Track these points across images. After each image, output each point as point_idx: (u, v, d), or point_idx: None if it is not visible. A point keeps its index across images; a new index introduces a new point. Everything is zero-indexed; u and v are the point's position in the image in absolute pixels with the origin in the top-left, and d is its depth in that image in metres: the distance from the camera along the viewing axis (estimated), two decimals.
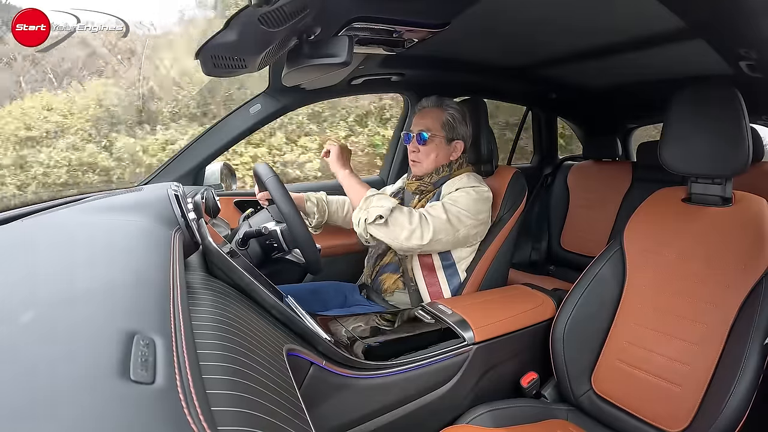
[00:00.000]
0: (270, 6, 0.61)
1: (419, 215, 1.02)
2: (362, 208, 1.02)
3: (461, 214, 1.05)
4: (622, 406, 0.89)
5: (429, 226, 1.01)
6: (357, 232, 1.05)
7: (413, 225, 1.00)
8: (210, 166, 1.33)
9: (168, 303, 0.32)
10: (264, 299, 0.59)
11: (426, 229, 1.01)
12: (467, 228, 1.07)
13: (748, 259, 0.81)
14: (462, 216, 1.05)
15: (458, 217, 1.05)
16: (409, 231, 1.00)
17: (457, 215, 1.05)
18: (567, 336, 0.96)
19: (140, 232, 0.46)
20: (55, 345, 0.23)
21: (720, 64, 1.08)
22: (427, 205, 1.09)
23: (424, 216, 1.03)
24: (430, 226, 1.01)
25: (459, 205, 1.06)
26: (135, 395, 0.22)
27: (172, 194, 0.62)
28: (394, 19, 0.91)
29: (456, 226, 1.04)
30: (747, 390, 0.72)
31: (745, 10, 0.74)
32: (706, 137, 0.86)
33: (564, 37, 1.18)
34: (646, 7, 0.85)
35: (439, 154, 1.14)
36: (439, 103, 1.16)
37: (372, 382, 0.74)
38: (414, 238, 1.00)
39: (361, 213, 1.02)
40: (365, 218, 1.00)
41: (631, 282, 0.95)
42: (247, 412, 0.32)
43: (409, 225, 1.00)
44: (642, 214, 1.00)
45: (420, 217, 1.02)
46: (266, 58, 0.82)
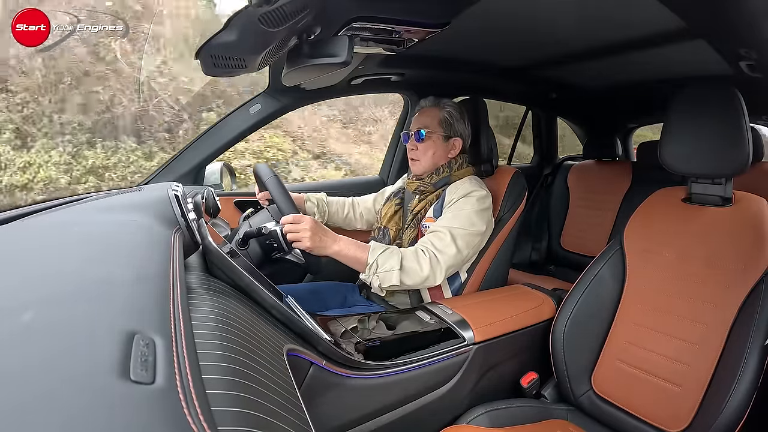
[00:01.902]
0: (270, 6, 0.61)
1: (429, 259, 0.98)
2: (370, 275, 0.96)
3: (468, 236, 1.03)
4: (622, 406, 0.89)
5: (441, 267, 0.99)
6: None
7: (425, 272, 0.97)
8: (210, 166, 1.33)
9: (168, 303, 0.32)
10: (264, 299, 0.59)
11: (438, 271, 0.99)
12: (474, 247, 1.07)
13: (748, 259, 0.81)
14: (469, 238, 1.03)
15: (467, 242, 1.03)
16: (422, 279, 0.97)
17: (465, 241, 1.03)
18: (567, 336, 0.96)
19: (140, 231, 0.46)
20: (55, 345, 0.23)
21: (720, 64, 1.08)
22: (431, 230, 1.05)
23: (434, 256, 0.99)
24: (442, 267, 0.99)
25: (465, 226, 1.03)
26: (135, 395, 0.22)
27: (172, 194, 0.62)
28: (394, 19, 0.91)
29: (464, 251, 1.03)
30: (747, 390, 0.72)
31: (745, 10, 0.74)
32: (706, 137, 0.86)
33: (564, 36, 1.18)
34: (646, 7, 0.85)
35: (437, 152, 1.14)
36: (436, 102, 1.17)
37: (372, 382, 0.74)
38: (427, 283, 0.99)
39: (373, 279, 0.96)
40: (378, 284, 0.97)
41: (631, 282, 0.95)
42: (247, 412, 0.32)
43: (421, 273, 0.97)
44: (642, 214, 1.00)
45: (430, 260, 0.98)
46: (266, 58, 0.82)
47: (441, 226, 1.04)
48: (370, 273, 0.96)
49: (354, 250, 0.96)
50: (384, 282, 0.96)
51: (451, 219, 1.05)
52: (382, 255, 0.96)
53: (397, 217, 1.20)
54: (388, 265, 0.95)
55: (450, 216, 1.05)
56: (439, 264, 0.99)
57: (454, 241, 1.01)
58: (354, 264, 0.97)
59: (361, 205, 1.34)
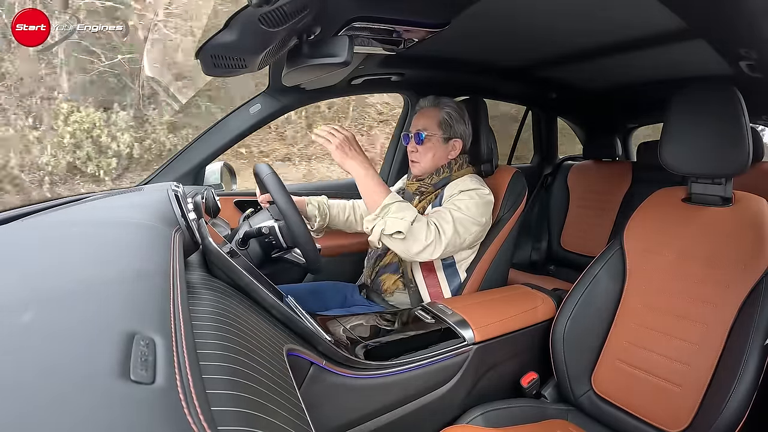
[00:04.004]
0: (270, 6, 0.61)
1: (435, 229, 0.98)
2: (379, 215, 0.95)
3: (468, 222, 1.03)
4: (622, 406, 0.89)
5: (442, 242, 0.99)
6: (368, 237, 1.00)
7: (429, 240, 0.96)
8: (210, 166, 1.33)
9: (168, 303, 0.32)
10: (264, 299, 0.59)
11: (439, 244, 0.98)
12: (472, 235, 1.06)
13: (748, 259, 0.81)
14: (468, 224, 1.03)
15: (465, 227, 1.03)
16: (423, 246, 0.96)
17: (464, 225, 1.03)
18: (567, 336, 0.96)
19: (140, 231, 0.46)
20: (55, 345, 0.23)
21: (720, 64, 1.08)
22: (433, 211, 1.06)
23: (438, 231, 0.99)
24: (443, 242, 0.99)
25: (465, 212, 1.04)
26: (135, 395, 0.22)
27: (172, 194, 0.62)
28: (394, 19, 0.91)
29: (462, 235, 1.03)
30: (747, 390, 0.72)
31: (745, 10, 0.74)
32: (706, 137, 0.86)
33: (564, 37, 1.18)
34: (646, 7, 0.85)
35: (436, 154, 1.14)
36: (436, 103, 1.16)
37: (372, 382, 0.74)
38: (425, 253, 0.98)
39: (377, 221, 0.95)
40: (382, 228, 0.95)
41: (631, 282, 0.95)
42: (247, 412, 0.32)
43: (425, 240, 0.96)
44: (642, 214, 1.00)
45: (435, 232, 0.98)
46: (266, 57, 0.82)
47: (442, 208, 1.05)
48: (381, 214, 0.95)
49: (377, 182, 0.97)
50: (388, 228, 0.94)
51: (449, 205, 1.06)
52: (400, 203, 0.96)
53: None
54: (401, 213, 0.94)
55: (448, 203, 1.06)
56: (440, 239, 0.99)
57: (453, 222, 1.01)
58: (369, 194, 0.97)
59: (362, 207, 1.34)
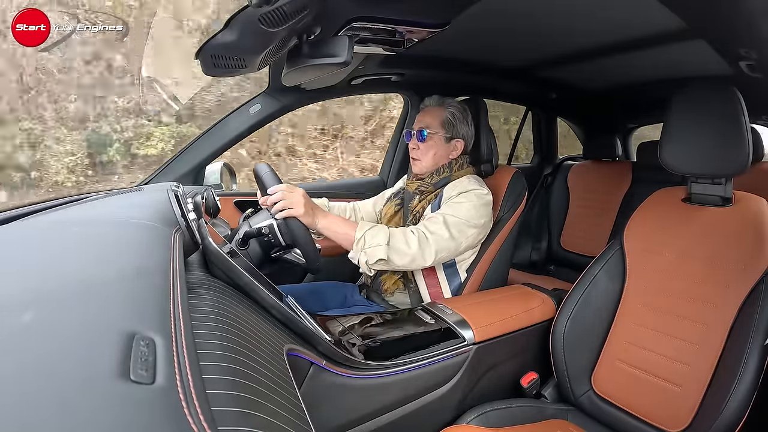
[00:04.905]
0: (270, 6, 0.61)
1: (417, 237, 0.98)
2: (357, 251, 0.96)
3: (462, 225, 1.03)
4: (622, 406, 0.89)
5: (430, 248, 0.98)
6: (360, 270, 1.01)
7: (413, 250, 0.96)
8: (210, 166, 1.34)
9: (168, 303, 0.32)
10: (264, 299, 0.59)
11: (428, 250, 0.98)
12: (470, 238, 1.05)
13: (748, 258, 0.81)
14: (463, 227, 1.03)
15: (460, 230, 1.02)
16: (410, 258, 0.97)
17: (458, 228, 1.02)
18: (567, 336, 0.96)
19: (140, 231, 0.46)
20: (55, 345, 0.23)
21: (720, 64, 1.08)
22: (427, 218, 1.06)
23: (423, 235, 0.99)
24: (432, 247, 0.98)
25: (460, 215, 1.03)
26: (135, 395, 0.22)
27: (172, 194, 0.62)
28: (394, 19, 0.91)
29: (458, 239, 1.02)
30: (747, 390, 0.72)
31: (744, 10, 0.74)
32: (706, 137, 0.86)
33: (564, 37, 1.18)
34: (646, 7, 0.85)
35: (438, 152, 1.14)
36: (441, 102, 1.17)
37: (372, 382, 0.74)
38: (416, 263, 0.98)
39: (360, 256, 0.96)
40: (366, 260, 0.96)
41: (631, 282, 0.95)
42: (247, 412, 0.32)
43: (409, 250, 0.96)
44: (642, 214, 1.00)
45: (419, 238, 0.98)
46: (266, 58, 0.82)
47: (435, 213, 1.05)
48: (357, 249, 0.96)
49: (342, 224, 0.98)
50: (371, 258, 0.95)
51: (445, 208, 1.05)
52: (370, 231, 0.96)
53: (397, 218, 1.20)
54: (375, 240, 0.95)
55: (445, 207, 1.06)
56: (429, 244, 0.98)
57: (446, 226, 1.01)
58: (342, 240, 0.98)
59: (362, 209, 1.34)
